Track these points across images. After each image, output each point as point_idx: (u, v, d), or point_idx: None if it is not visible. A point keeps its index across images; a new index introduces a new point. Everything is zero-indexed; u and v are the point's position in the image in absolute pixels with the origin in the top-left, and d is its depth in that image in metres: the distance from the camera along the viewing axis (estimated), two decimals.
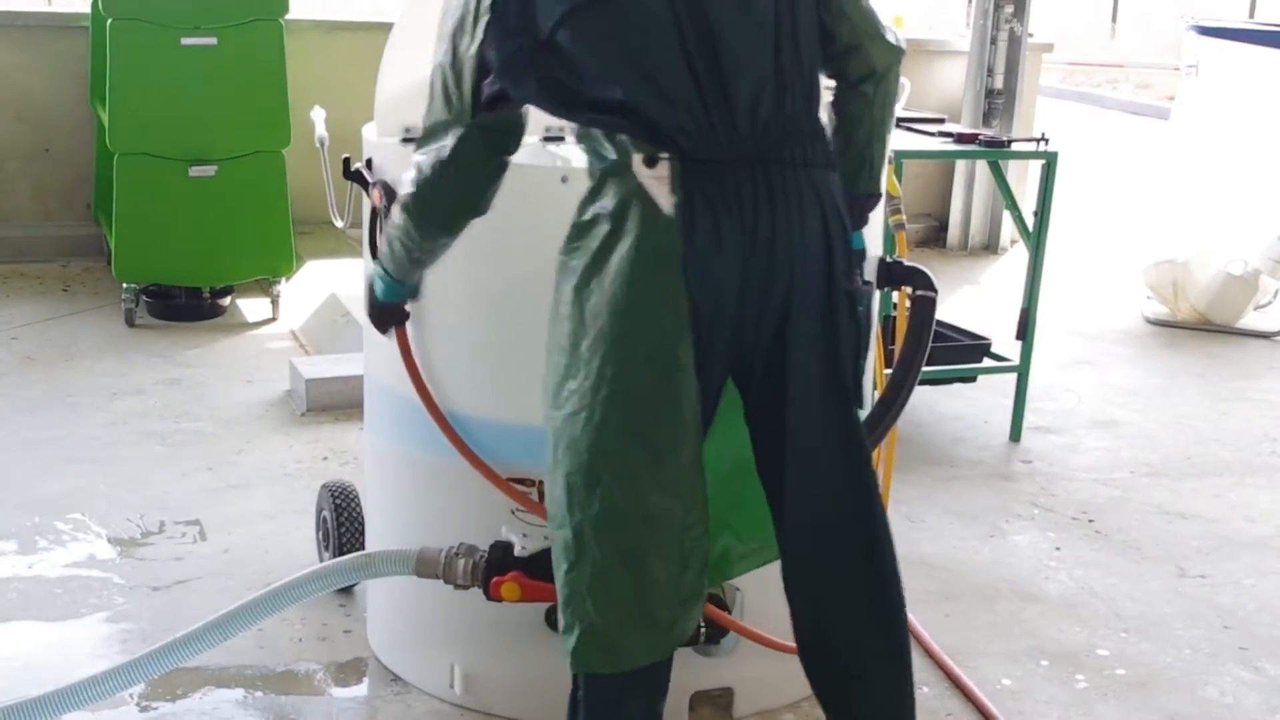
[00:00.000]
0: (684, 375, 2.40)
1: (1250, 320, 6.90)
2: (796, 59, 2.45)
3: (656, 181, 2.37)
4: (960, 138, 5.25)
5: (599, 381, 2.39)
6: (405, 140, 3.20)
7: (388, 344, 3.11)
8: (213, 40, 5.95)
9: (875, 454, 2.95)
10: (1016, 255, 8.00)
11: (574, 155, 3.27)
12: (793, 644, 3.16)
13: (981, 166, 8.19)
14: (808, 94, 2.49)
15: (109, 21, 5.88)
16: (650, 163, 2.37)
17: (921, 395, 5.32)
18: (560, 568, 2.48)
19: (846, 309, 2.51)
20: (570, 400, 2.43)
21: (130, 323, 6.04)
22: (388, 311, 3.01)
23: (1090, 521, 4.51)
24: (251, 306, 6.36)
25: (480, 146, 2.53)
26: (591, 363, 2.40)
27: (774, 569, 3.11)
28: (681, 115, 2.37)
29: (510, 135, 2.57)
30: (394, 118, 3.22)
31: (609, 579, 2.44)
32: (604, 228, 2.41)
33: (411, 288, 2.94)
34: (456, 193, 2.59)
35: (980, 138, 5.27)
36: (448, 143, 2.51)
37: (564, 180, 2.96)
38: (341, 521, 3.66)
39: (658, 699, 2.60)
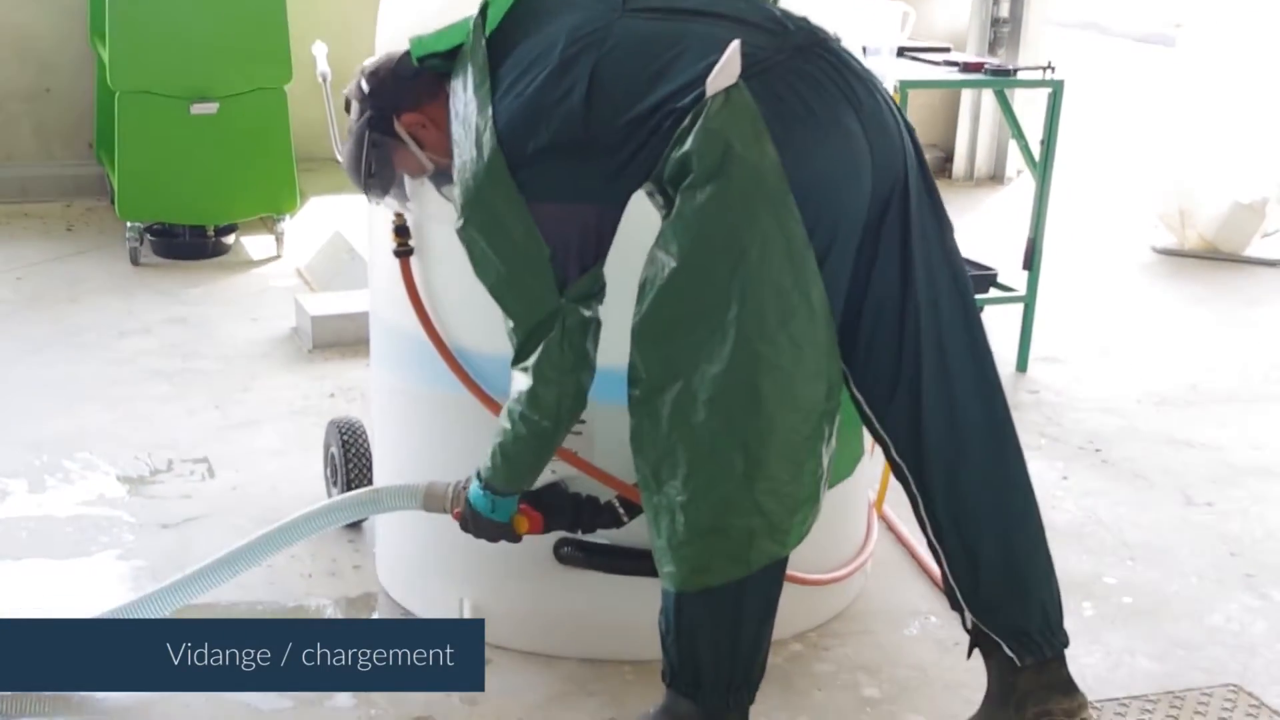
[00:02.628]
0: (806, 263, 2.44)
1: (1258, 248, 6.87)
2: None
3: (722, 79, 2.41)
4: (966, 67, 5.21)
5: (735, 302, 2.43)
6: None
7: (393, 280, 3.10)
8: None
9: None
10: (1023, 185, 7.96)
11: None
12: (800, 574, 3.18)
13: (988, 96, 8.14)
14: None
15: None
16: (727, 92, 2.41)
17: None
18: (718, 485, 2.50)
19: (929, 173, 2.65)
20: (700, 328, 2.46)
21: (135, 261, 6.03)
22: (497, 527, 2.92)
23: (1097, 451, 4.51)
24: (256, 244, 6.34)
25: (578, 334, 2.60)
26: (722, 285, 2.43)
27: None
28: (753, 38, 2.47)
29: (599, 295, 2.63)
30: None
31: (766, 472, 2.50)
32: (702, 162, 2.42)
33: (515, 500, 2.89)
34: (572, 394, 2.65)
35: (986, 67, 5.24)
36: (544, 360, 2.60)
37: None
38: (349, 457, 3.67)
39: (776, 588, 2.68)
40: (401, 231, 3.07)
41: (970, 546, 2.73)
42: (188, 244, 6.19)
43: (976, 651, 2.84)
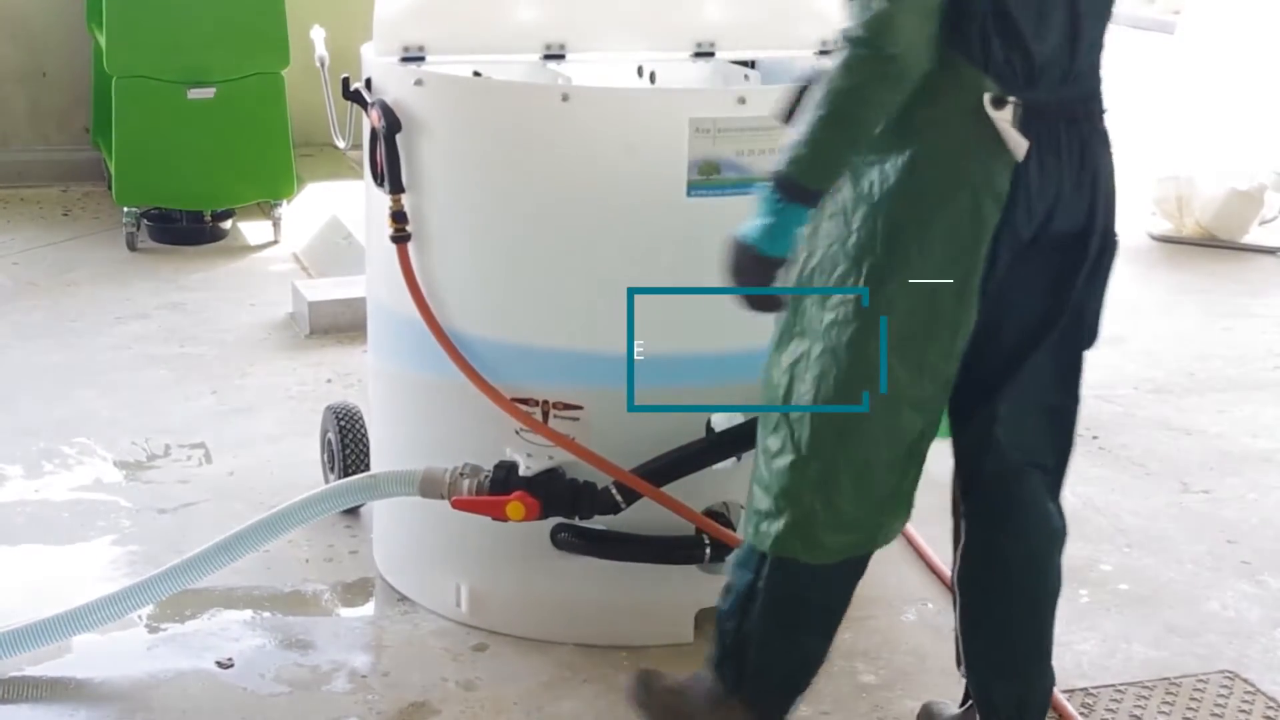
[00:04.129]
0: (970, 305, 2.44)
1: (1255, 236, 6.85)
2: (1106, 14, 2.53)
3: (1007, 124, 2.37)
4: None
5: (881, 301, 2.41)
6: (404, 59, 3.18)
7: (390, 265, 3.09)
8: None
9: None
10: None
11: (574, 73, 3.25)
12: None
13: None
14: (1101, 51, 2.55)
15: None
16: (998, 104, 2.38)
17: None
18: (783, 457, 2.50)
19: (1110, 257, 2.69)
20: (839, 308, 2.44)
21: (132, 247, 6.01)
22: (767, 264, 2.44)
23: (1094, 438, 4.51)
24: (253, 229, 6.32)
25: None
26: (879, 281, 2.41)
27: None
28: (1049, 53, 2.41)
29: None
30: (393, 36, 3.20)
31: (835, 482, 2.49)
32: (929, 156, 2.39)
33: (800, 220, 2.42)
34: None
35: None
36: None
37: (565, 99, 2.94)
38: (346, 443, 3.67)
39: (840, 600, 2.67)
40: (399, 217, 3.07)
41: (978, 606, 2.73)
42: (185, 229, 6.17)
43: None
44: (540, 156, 2.98)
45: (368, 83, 3.15)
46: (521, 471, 3.01)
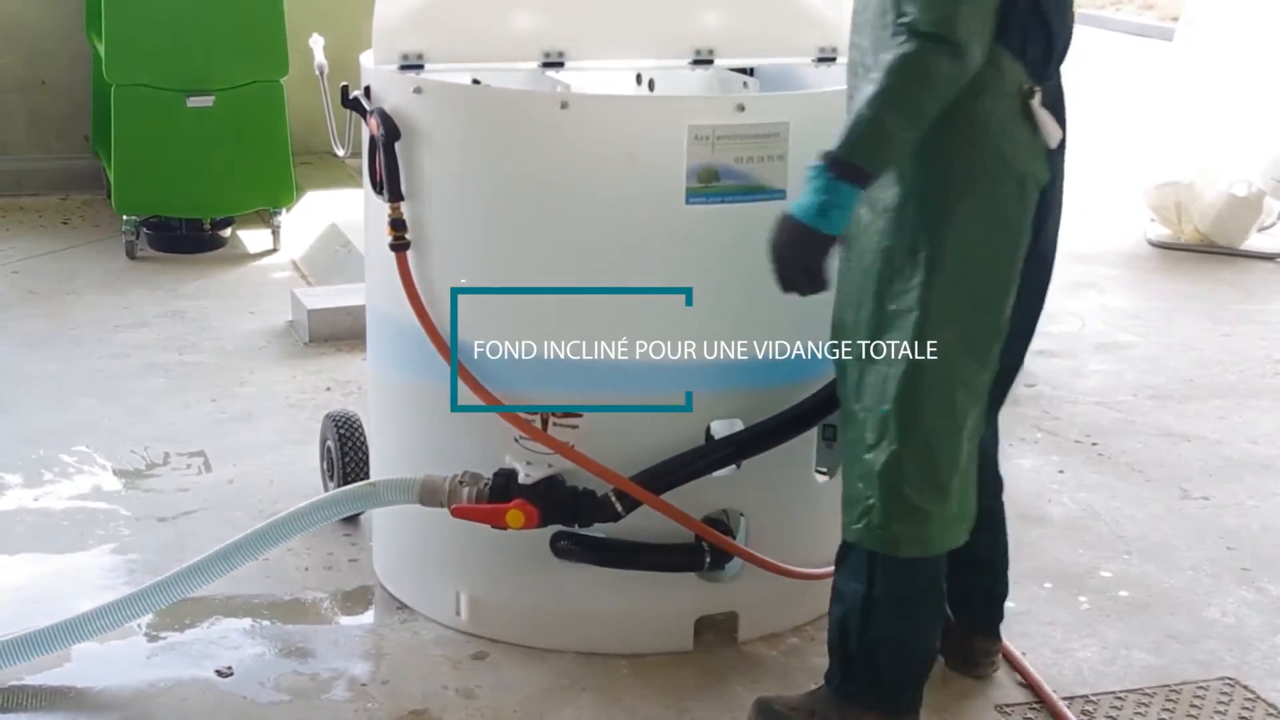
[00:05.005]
0: (1013, 285, 2.64)
1: (1254, 242, 6.86)
2: None
3: (1045, 114, 2.54)
4: None
5: (934, 290, 2.54)
6: (403, 67, 3.18)
7: (390, 273, 3.09)
8: None
9: None
10: None
11: (573, 81, 3.25)
12: (794, 568, 3.18)
13: None
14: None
15: None
16: (1032, 93, 2.53)
17: None
18: (876, 451, 2.61)
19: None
20: (899, 300, 2.56)
21: (131, 255, 6.02)
22: (820, 241, 2.49)
23: (1094, 444, 4.51)
24: (252, 237, 6.33)
25: None
26: (931, 269, 2.53)
27: (775, 498, 3.13)
28: (1064, 45, 2.61)
29: None
30: (391, 45, 3.20)
31: (934, 467, 2.62)
32: (975, 146, 2.52)
33: (851, 204, 2.48)
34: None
35: None
36: None
37: (564, 106, 2.94)
38: (345, 451, 3.67)
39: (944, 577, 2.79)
40: (398, 225, 3.07)
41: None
42: (184, 237, 6.18)
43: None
44: (539, 164, 2.98)
45: (367, 91, 3.15)
46: (521, 479, 3.01)
